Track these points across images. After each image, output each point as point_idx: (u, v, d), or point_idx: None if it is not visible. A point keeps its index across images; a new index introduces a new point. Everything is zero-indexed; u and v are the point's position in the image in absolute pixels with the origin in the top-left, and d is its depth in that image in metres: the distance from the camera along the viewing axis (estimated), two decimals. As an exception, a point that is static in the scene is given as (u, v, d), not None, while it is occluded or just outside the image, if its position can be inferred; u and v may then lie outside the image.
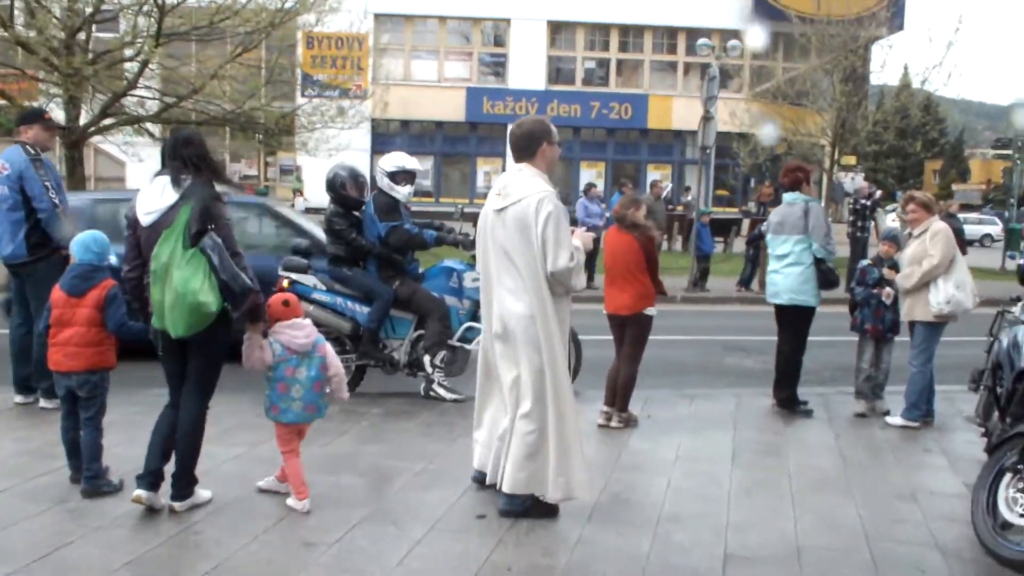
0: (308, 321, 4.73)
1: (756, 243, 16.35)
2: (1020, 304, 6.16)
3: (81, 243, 5.02)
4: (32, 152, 6.49)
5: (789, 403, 7.46)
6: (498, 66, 34.91)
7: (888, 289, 7.36)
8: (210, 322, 4.40)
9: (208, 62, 21.24)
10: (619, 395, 6.85)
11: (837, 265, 7.74)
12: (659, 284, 6.95)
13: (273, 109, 21.57)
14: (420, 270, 7.80)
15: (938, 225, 7.12)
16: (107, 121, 20.74)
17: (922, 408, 7.14)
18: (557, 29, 34.45)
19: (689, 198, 23.66)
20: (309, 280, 7.51)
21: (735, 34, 22.76)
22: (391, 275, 7.51)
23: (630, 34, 34.54)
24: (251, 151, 35.46)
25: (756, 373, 9.50)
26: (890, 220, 15.94)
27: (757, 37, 20.69)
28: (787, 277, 7.41)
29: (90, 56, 18.81)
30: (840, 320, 8.43)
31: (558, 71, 35.13)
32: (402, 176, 7.53)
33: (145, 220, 4.52)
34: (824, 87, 22.73)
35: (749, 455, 6.25)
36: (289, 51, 25.27)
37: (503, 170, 34.12)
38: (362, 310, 7.47)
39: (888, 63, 55.81)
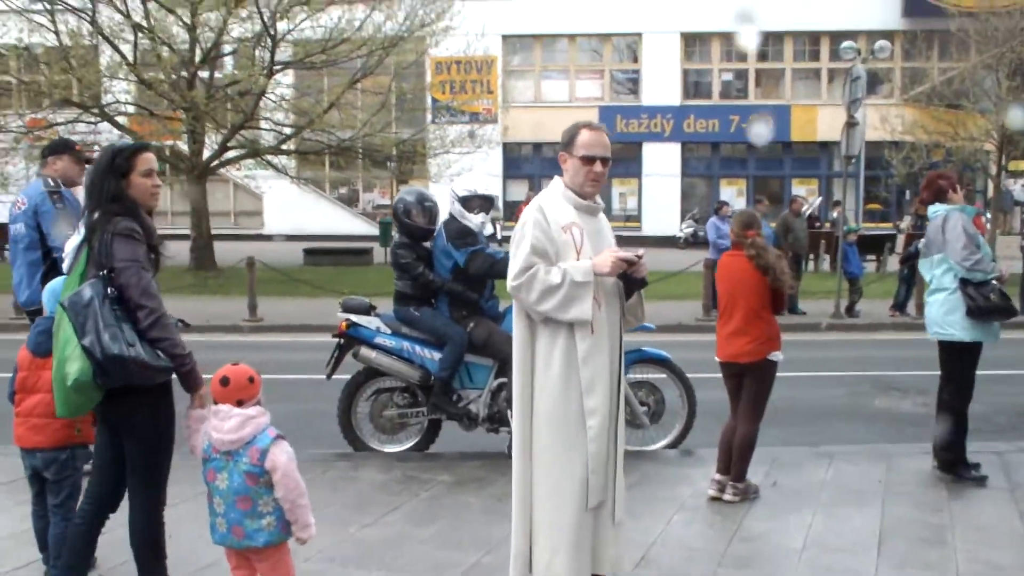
0: (242, 411, 3.35)
1: (912, 261, 14.63)
2: None
3: (51, 291, 4.13)
4: (51, 184, 5.76)
5: (954, 466, 5.96)
6: (631, 83, 33.72)
7: (1082, 319, 5.81)
8: (93, 400, 3.40)
9: (333, 91, 21.07)
10: (735, 460, 5.52)
11: (1010, 284, 6.20)
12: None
13: (390, 136, 21.09)
14: (500, 308, 6.70)
15: None
16: (230, 154, 20.81)
17: None
18: (691, 41, 32.88)
19: (835, 214, 21.79)
20: (372, 322, 6.55)
21: (883, 36, 20.92)
22: (464, 315, 6.45)
23: (769, 42, 32.52)
24: (384, 180, 35.49)
25: (914, 419, 7.97)
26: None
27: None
28: (930, 306, 5.98)
29: (210, 91, 18.86)
30: (1021, 350, 6.87)
31: (695, 85, 33.62)
32: (475, 202, 6.49)
33: (64, 266, 3.61)
34: (987, 85, 20.58)
35: (902, 544, 4.83)
36: (414, 76, 24.89)
37: (639, 191, 33.35)
38: (432, 356, 6.43)
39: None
